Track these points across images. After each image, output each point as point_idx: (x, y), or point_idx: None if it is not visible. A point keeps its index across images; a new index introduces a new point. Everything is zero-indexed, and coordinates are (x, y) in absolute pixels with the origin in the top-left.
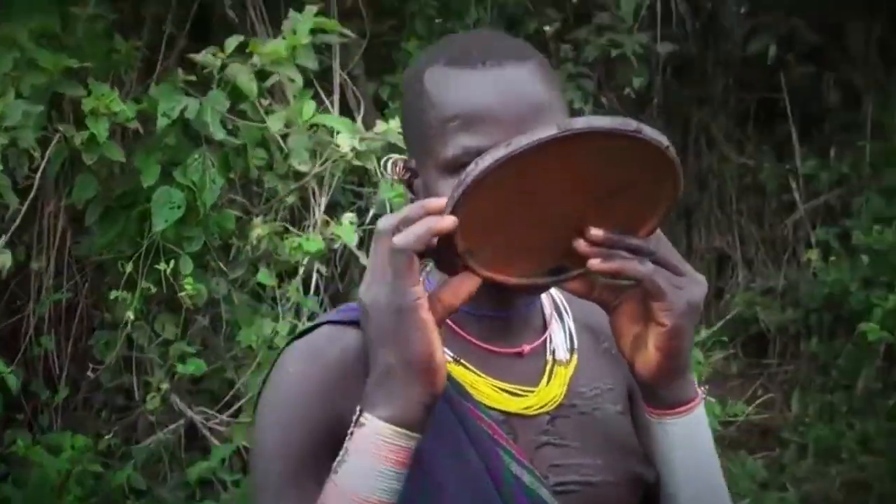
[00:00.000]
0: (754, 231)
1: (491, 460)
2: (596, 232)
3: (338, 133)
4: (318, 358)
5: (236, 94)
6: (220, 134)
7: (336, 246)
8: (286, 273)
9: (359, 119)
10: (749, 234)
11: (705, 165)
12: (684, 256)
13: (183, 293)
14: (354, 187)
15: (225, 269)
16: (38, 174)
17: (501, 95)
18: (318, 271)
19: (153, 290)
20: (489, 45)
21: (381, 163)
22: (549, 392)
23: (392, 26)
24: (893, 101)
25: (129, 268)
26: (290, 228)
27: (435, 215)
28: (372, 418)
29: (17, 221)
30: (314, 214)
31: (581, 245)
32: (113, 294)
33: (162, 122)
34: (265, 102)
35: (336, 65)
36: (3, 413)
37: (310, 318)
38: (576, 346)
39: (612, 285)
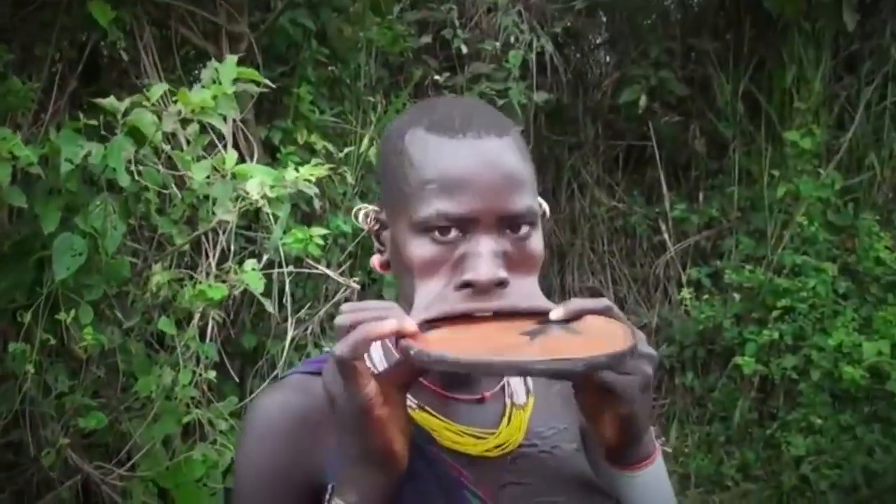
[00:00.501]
0: (626, 271)
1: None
2: (555, 313)
3: (248, 180)
4: (286, 408)
5: (135, 140)
6: (125, 180)
7: (236, 292)
8: (182, 320)
9: (252, 164)
10: (621, 274)
11: (578, 209)
12: (559, 296)
13: (82, 343)
14: (246, 232)
15: (121, 317)
16: None
17: (479, 166)
18: (213, 318)
19: (52, 341)
20: (470, 116)
21: (353, 212)
22: (509, 433)
23: (282, 72)
24: (758, 149)
25: (27, 318)
26: (193, 275)
27: (372, 321)
28: (340, 502)
29: None
30: (208, 259)
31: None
32: (12, 346)
33: (65, 167)
34: (165, 148)
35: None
36: None
37: (210, 367)
38: (531, 388)
39: None
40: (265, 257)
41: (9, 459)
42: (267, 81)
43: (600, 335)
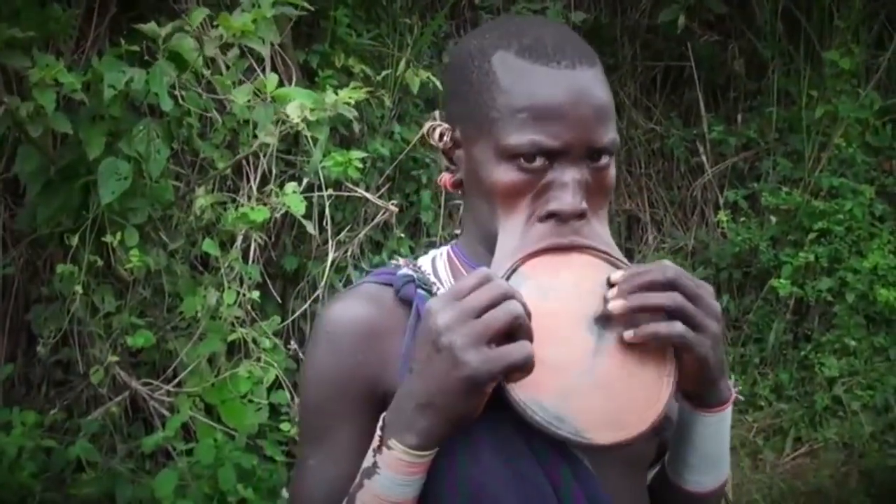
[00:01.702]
0: (663, 193)
1: (552, 471)
2: (611, 292)
3: (288, 103)
4: (356, 316)
5: (177, 66)
6: (167, 104)
7: (277, 215)
8: (226, 242)
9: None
10: (658, 196)
11: None
12: None
13: (128, 265)
14: (286, 156)
15: (166, 239)
16: None
17: (574, 97)
18: (255, 240)
19: (99, 262)
20: (563, 43)
21: (426, 128)
22: None
23: None
24: (797, 69)
25: (75, 241)
26: (235, 198)
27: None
28: (397, 444)
29: None
30: (250, 183)
31: (608, 294)
32: (60, 268)
33: (108, 93)
34: (205, 73)
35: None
36: None
37: (253, 287)
38: None
39: None
40: (305, 180)
41: (59, 377)
42: (305, 3)
43: (643, 384)
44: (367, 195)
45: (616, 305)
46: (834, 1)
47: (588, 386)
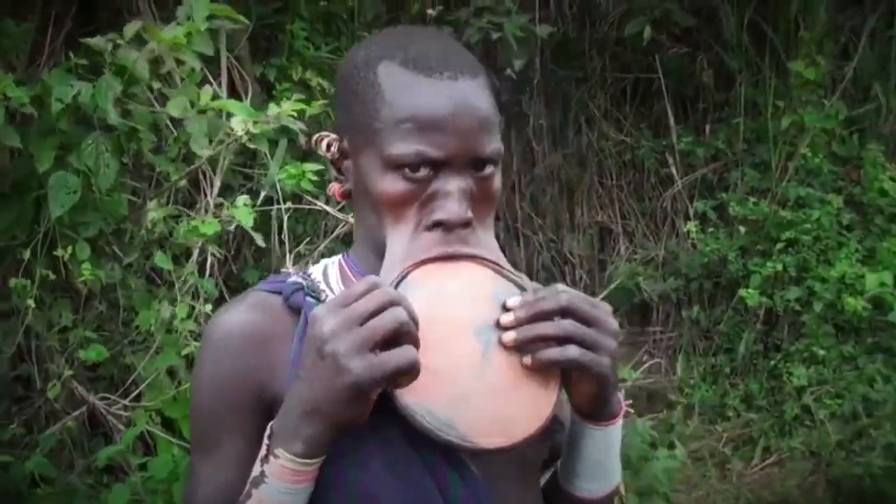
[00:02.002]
0: (634, 205)
1: (438, 472)
2: (505, 318)
3: (231, 116)
4: (243, 324)
5: (128, 79)
6: (113, 118)
7: (231, 228)
8: (181, 256)
9: (247, 101)
10: (629, 208)
11: (585, 143)
12: (568, 230)
13: (81, 279)
14: (243, 169)
15: (120, 253)
16: None
17: (456, 108)
18: (212, 254)
19: (51, 276)
20: (446, 54)
21: (314, 139)
22: None
23: (276, 9)
24: (764, 81)
25: (26, 254)
26: (186, 212)
27: (395, 355)
28: (283, 453)
29: None
30: (206, 197)
31: (503, 320)
32: (13, 282)
33: (56, 106)
34: (156, 87)
35: (223, 48)
36: None
37: (208, 301)
38: None
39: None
40: (262, 194)
41: (18, 392)
42: (242, 18)
43: (529, 391)
44: (326, 207)
45: (508, 338)
46: (800, 12)
47: (476, 392)
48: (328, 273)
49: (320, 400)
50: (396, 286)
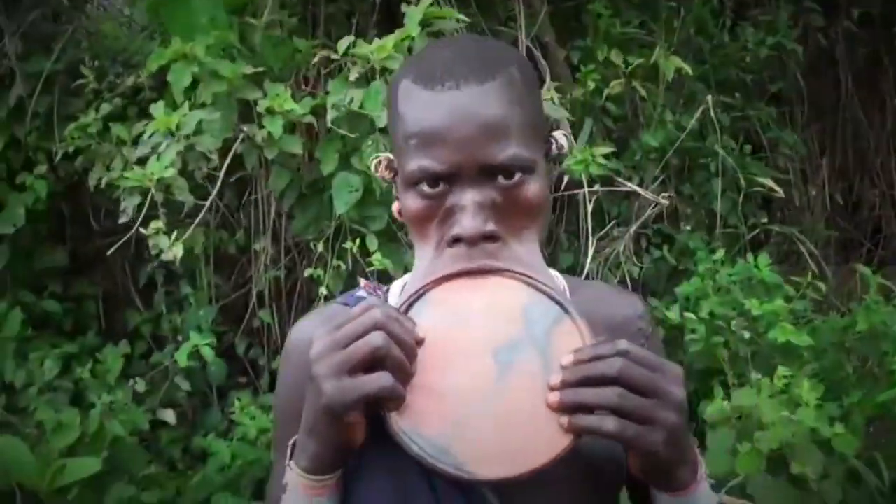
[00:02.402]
0: None
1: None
2: (554, 378)
3: None
4: (307, 335)
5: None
6: (382, 121)
7: None
8: None
9: (547, 85)
10: None
11: None
12: None
13: (370, 268)
14: None
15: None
16: (222, 171)
17: (453, 118)
18: None
19: (342, 266)
20: (453, 64)
21: (370, 161)
22: None
23: None
24: None
25: (320, 247)
26: None
27: (370, 379)
28: (294, 466)
29: (201, 214)
30: None
31: (551, 381)
32: (307, 272)
33: (332, 113)
34: None
35: (521, 34)
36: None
37: None
38: None
39: None
40: (566, 178)
41: None
42: (457, 15)
43: (547, 423)
44: (638, 189)
45: (552, 401)
46: None
47: (481, 416)
48: (395, 289)
49: (310, 421)
50: (411, 305)
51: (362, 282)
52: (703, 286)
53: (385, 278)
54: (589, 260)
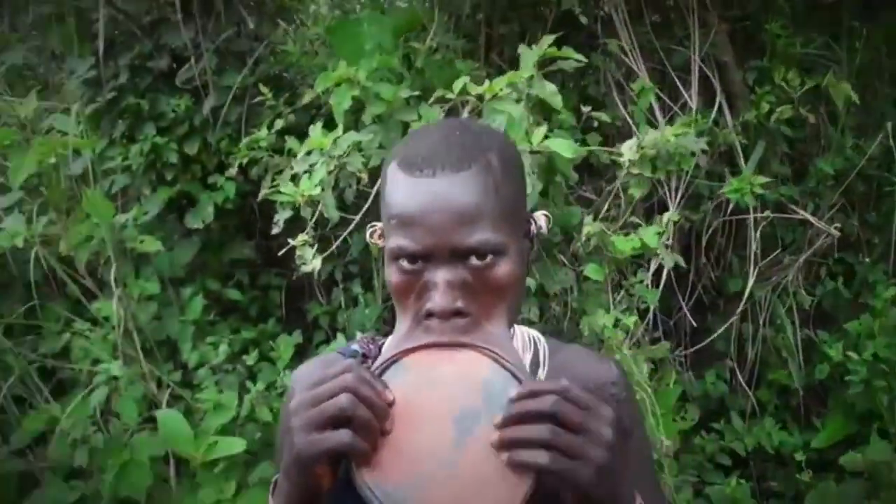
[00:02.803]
0: None
1: None
2: (496, 420)
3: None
4: (307, 375)
5: (545, 107)
6: (524, 144)
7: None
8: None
9: (715, 108)
10: None
11: None
12: None
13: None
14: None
15: (567, 263)
16: (375, 189)
17: (428, 205)
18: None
19: None
20: (434, 152)
21: (367, 229)
22: None
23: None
24: None
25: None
26: (604, 228)
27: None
28: (272, 502)
29: (349, 229)
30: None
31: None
32: None
33: None
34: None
35: (695, 54)
36: None
37: (644, 311)
38: None
39: None
40: (731, 203)
41: None
42: (578, 56)
43: (499, 484)
44: (808, 216)
45: (494, 440)
46: None
47: (438, 477)
48: (388, 343)
49: (287, 466)
50: (385, 369)
51: (359, 335)
52: (873, 324)
53: None
54: (750, 285)
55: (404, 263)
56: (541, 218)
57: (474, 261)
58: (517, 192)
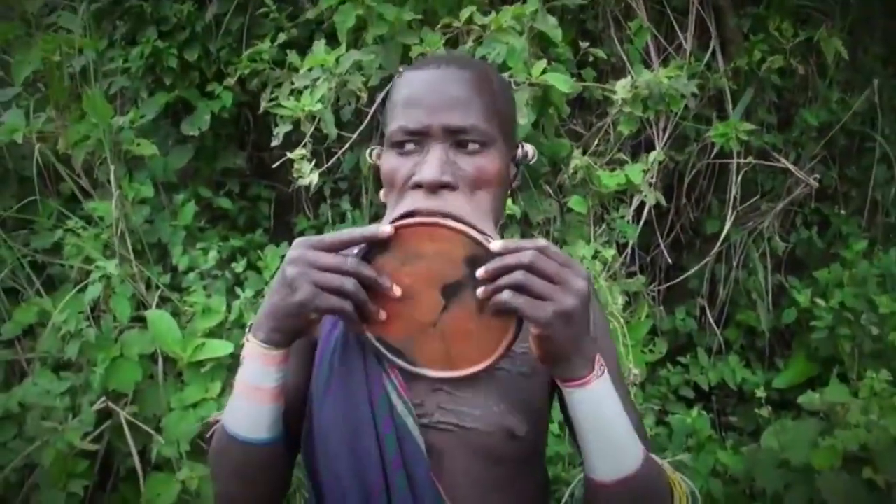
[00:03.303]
0: None
1: (374, 385)
2: (480, 272)
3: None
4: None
5: (544, 39)
6: (523, 76)
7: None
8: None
9: (709, 52)
10: None
11: None
12: None
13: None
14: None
15: (552, 194)
16: (373, 109)
17: (430, 87)
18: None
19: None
20: (443, 57)
21: (367, 151)
22: None
23: None
24: None
25: None
26: (591, 163)
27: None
28: (252, 339)
29: (346, 146)
30: (615, 149)
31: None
32: None
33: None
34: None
35: None
36: None
37: (623, 245)
38: None
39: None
40: (716, 146)
41: None
42: None
43: (482, 338)
44: (789, 165)
45: (480, 293)
46: None
47: (430, 333)
48: None
49: (277, 306)
50: (369, 250)
51: None
52: (842, 274)
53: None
54: (727, 228)
55: (401, 147)
56: (529, 147)
57: (464, 147)
58: (509, 110)
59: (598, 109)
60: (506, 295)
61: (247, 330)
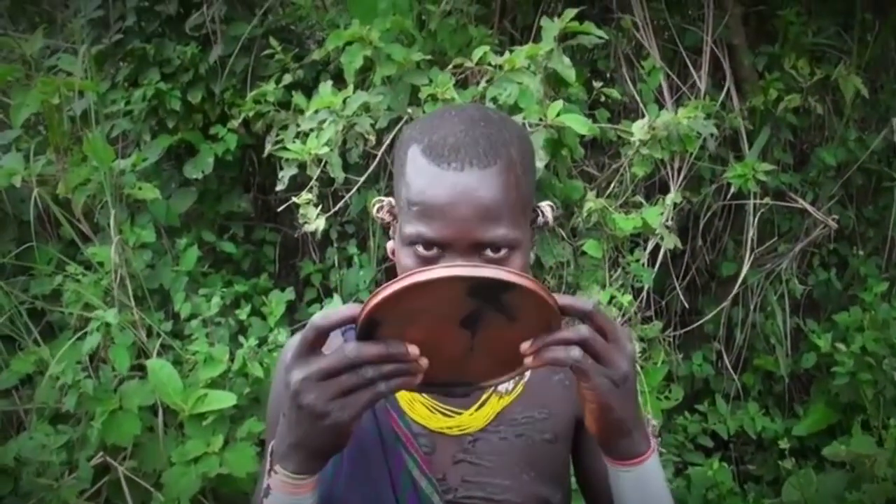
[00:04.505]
0: None
1: (394, 462)
2: (524, 345)
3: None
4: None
5: (557, 80)
6: (536, 117)
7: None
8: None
9: (724, 91)
10: None
11: None
12: None
13: None
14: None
15: (566, 237)
16: (381, 151)
17: (454, 198)
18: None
19: None
20: (461, 145)
21: (371, 203)
22: (473, 418)
23: None
24: None
25: None
26: (605, 205)
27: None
28: (281, 470)
29: (353, 190)
30: (629, 191)
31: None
32: None
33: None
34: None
35: (707, 35)
36: None
37: (639, 290)
38: (526, 377)
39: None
40: (731, 187)
41: None
42: (599, 32)
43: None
44: (807, 206)
45: (524, 348)
46: None
47: (475, 356)
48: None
49: (303, 438)
50: (366, 326)
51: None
52: (862, 317)
53: None
54: (745, 271)
55: (420, 249)
56: (547, 210)
57: (489, 253)
58: (532, 185)
59: (610, 150)
60: (563, 350)
61: (266, 457)
